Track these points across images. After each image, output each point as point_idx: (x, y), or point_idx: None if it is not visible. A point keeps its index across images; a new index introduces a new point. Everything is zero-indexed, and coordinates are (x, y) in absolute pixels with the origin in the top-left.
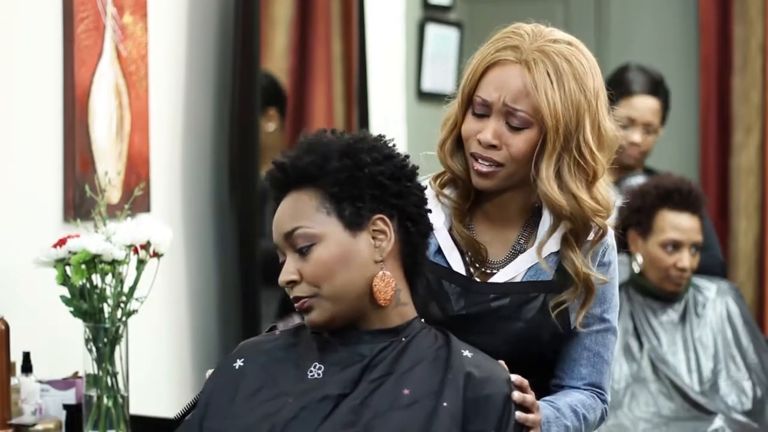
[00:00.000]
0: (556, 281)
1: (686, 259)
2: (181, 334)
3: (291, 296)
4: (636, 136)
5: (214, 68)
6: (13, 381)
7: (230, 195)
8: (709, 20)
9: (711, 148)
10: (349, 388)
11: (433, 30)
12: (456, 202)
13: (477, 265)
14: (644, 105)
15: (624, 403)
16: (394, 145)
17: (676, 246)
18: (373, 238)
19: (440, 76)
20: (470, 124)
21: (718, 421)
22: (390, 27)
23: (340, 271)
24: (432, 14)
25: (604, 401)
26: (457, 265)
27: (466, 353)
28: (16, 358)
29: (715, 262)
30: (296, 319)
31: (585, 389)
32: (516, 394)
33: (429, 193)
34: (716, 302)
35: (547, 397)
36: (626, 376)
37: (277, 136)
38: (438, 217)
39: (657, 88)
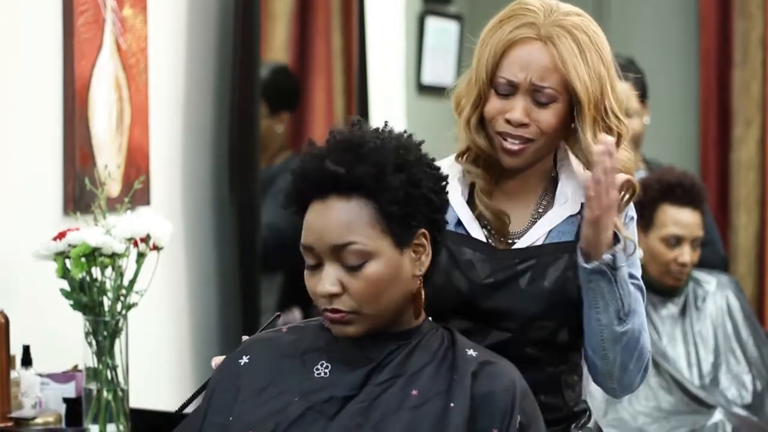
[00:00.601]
0: (578, 242)
1: (687, 254)
2: (181, 328)
3: (324, 306)
4: None
5: (214, 61)
6: (13, 374)
7: (230, 188)
8: (709, 14)
9: (711, 143)
10: (356, 390)
11: (433, 23)
12: (483, 179)
13: (498, 236)
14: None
15: (623, 398)
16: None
17: (678, 241)
18: (414, 252)
19: (440, 69)
20: (495, 104)
21: (718, 415)
22: (390, 20)
23: (387, 289)
24: (432, 7)
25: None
26: (478, 234)
27: (471, 352)
28: (16, 351)
29: (716, 258)
30: (296, 312)
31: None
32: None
33: (444, 167)
34: (716, 296)
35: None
36: None
37: (283, 135)
38: (455, 190)
39: (625, 72)
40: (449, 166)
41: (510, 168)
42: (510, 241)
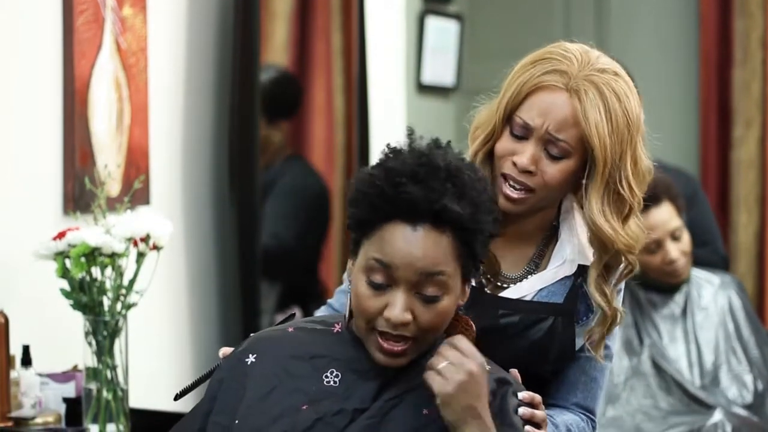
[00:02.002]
0: (567, 306)
1: (672, 251)
2: (181, 327)
3: (385, 329)
4: None
5: (213, 61)
6: (13, 374)
7: (230, 188)
8: (710, 14)
9: (711, 142)
10: (367, 403)
11: (433, 22)
12: None
13: (489, 278)
14: None
15: (622, 396)
16: None
17: (657, 244)
18: (467, 284)
19: (440, 68)
20: (506, 144)
21: (718, 415)
22: (390, 19)
23: (446, 322)
24: (432, 6)
25: (593, 427)
26: None
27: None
28: (16, 351)
29: (717, 258)
30: (297, 312)
31: (578, 411)
32: (523, 410)
33: None
34: (718, 295)
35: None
36: (626, 369)
37: (280, 142)
38: None
39: None
40: None
41: (507, 212)
42: (501, 284)
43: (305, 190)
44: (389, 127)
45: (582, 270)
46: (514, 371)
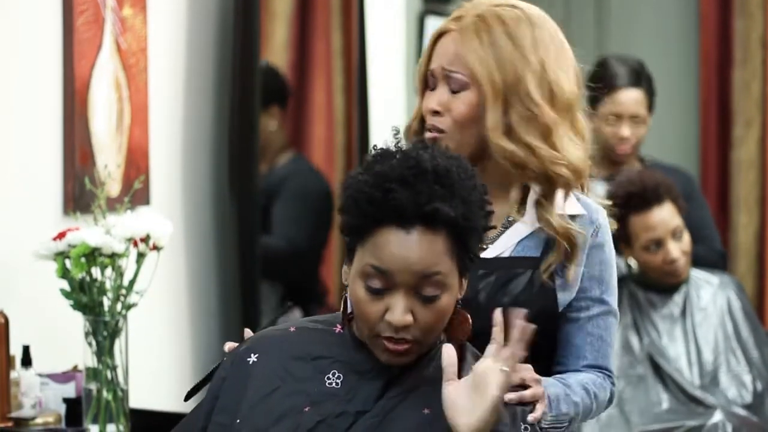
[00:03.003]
0: (544, 258)
1: (673, 250)
2: (181, 328)
3: (388, 333)
4: (625, 130)
5: (213, 61)
6: (13, 374)
7: (230, 188)
8: (710, 14)
9: (711, 142)
10: (368, 405)
11: (433, 23)
12: None
13: None
14: (628, 98)
15: (622, 397)
16: None
17: (658, 243)
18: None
19: None
20: (425, 100)
21: (718, 415)
22: (390, 20)
23: (446, 319)
24: (432, 7)
25: (612, 382)
26: None
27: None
28: (16, 351)
29: (713, 255)
30: (297, 313)
31: (592, 371)
32: (510, 395)
33: None
34: (717, 295)
35: (558, 375)
36: (625, 369)
37: (278, 134)
38: None
39: (638, 77)
40: None
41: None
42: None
43: (313, 192)
44: (389, 127)
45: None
46: (521, 311)
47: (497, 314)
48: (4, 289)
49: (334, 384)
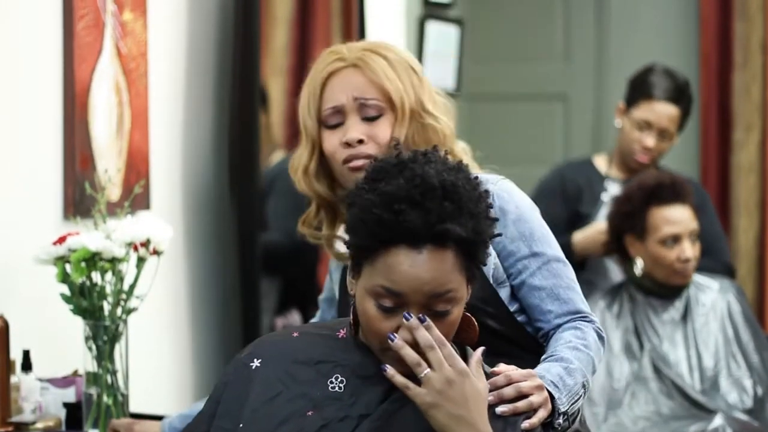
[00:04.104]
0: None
1: (688, 250)
2: (181, 332)
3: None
4: (650, 140)
5: (214, 65)
6: (13, 379)
7: (230, 192)
8: (710, 17)
9: (711, 146)
10: (371, 409)
11: (433, 27)
12: (329, 232)
13: None
14: (664, 111)
15: (624, 402)
16: None
17: (675, 239)
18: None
19: (441, 73)
20: (330, 138)
21: (719, 420)
22: (390, 24)
23: (456, 327)
24: (432, 11)
25: (590, 321)
26: None
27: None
28: (16, 355)
29: (720, 267)
30: (295, 315)
31: (566, 322)
32: (502, 408)
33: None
34: (718, 300)
35: (546, 355)
36: (627, 375)
37: (265, 135)
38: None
39: (680, 95)
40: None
41: None
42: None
43: None
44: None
45: None
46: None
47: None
48: (4, 294)
49: (337, 388)
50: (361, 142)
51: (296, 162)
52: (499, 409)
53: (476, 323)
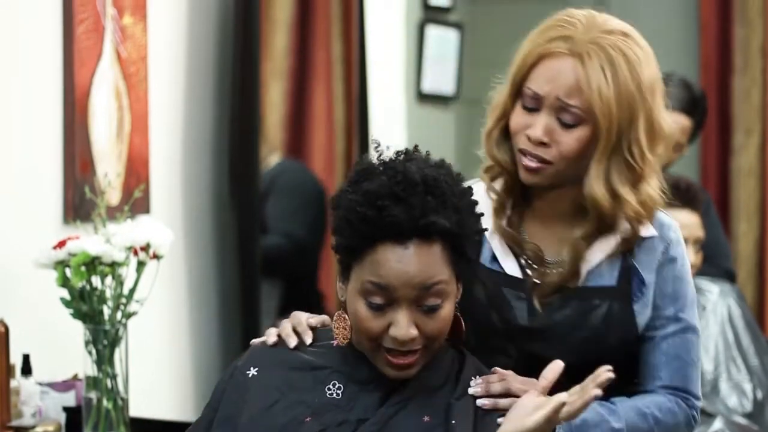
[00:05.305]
0: (621, 287)
1: (692, 254)
2: (181, 336)
3: (395, 347)
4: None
5: (214, 70)
6: (13, 383)
7: (230, 196)
8: (710, 21)
9: (711, 150)
10: (369, 413)
11: (433, 31)
12: (500, 196)
13: (534, 266)
14: (676, 122)
15: None
16: None
17: None
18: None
19: (440, 77)
20: (520, 118)
21: (718, 424)
22: (390, 28)
23: (449, 324)
24: (432, 15)
25: (690, 406)
26: (513, 269)
27: (473, 384)
28: (16, 360)
29: (720, 273)
30: None
31: (667, 393)
32: (483, 401)
33: (480, 194)
34: (718, 304)
35: (608, 400)
36: None
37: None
38: (489, 221)
39: (694, 107)
40: (484, 191)
41: (529, 185)
42: (547, 270)
43: (305, 186)
44: (389, 135)
45: (626, 244)
46: (557, 364)
47: (556, 366)
48: (4, 298)
49: (334, 394)
50: (543, 144)
51: (487, 117)
52: (481, 401)
53: (463, 323)
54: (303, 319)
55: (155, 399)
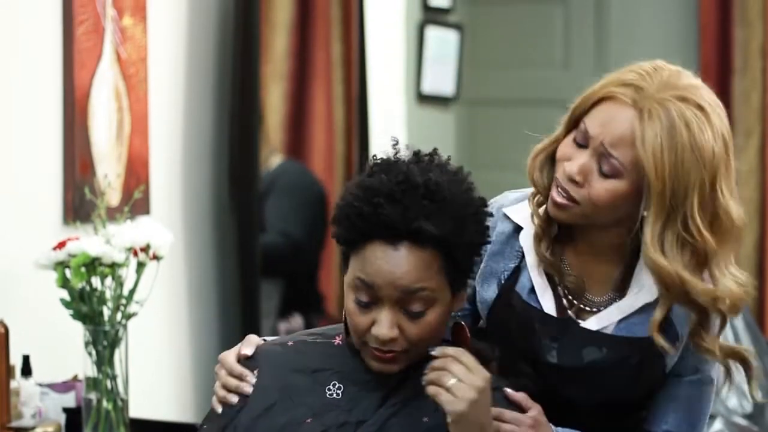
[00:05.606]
0: (654, 341)
1: None
2: (181, 337)
3: (375, 345)
4: None
5: (213, 71)
6: (13, 384)
7: (230, 197)
8: (710, 22)
9: None
10: (369, 414)
11: (433, 32)
12: (544, 222)
13: (572, 299)
14: None
15: None
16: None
17: None
18: (460, 292)
19: (440, 78)
20: (567, 148)
21: (718, 425)
22: (390, 29)
23: (438, 331)
24: (432, 16)
25: None
26: (549, 306)
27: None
28: (16, 361)
29: None
30: (298, 319)
31: None
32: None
33: (524, 218)
34: None
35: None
36: None
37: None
38: (531, 252)
39: None
40: (529, 216)
41: (552, 217)
42: (584, 307)
43: (305, 188)
44: (389, 136)
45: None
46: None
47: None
48: (4, 299)
49: (335, 395)
50: (575, 182)
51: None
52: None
53: (468, 331)
54: (232, 361)
55: (155, 400)
